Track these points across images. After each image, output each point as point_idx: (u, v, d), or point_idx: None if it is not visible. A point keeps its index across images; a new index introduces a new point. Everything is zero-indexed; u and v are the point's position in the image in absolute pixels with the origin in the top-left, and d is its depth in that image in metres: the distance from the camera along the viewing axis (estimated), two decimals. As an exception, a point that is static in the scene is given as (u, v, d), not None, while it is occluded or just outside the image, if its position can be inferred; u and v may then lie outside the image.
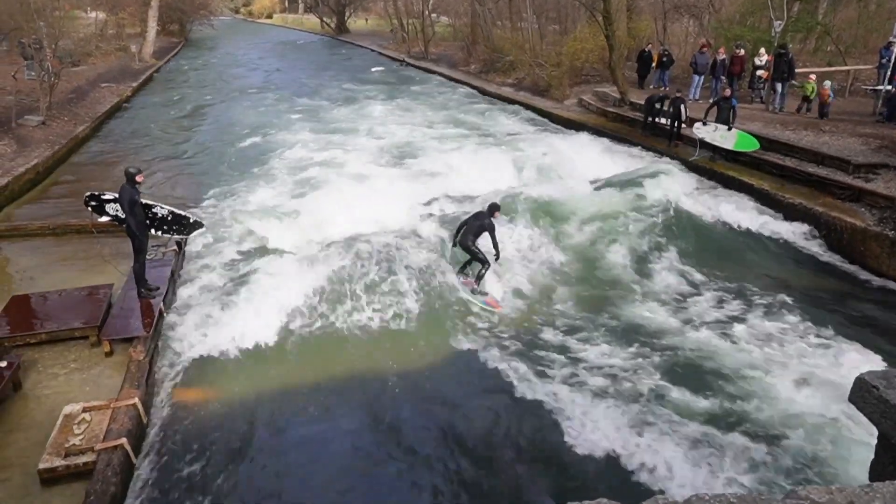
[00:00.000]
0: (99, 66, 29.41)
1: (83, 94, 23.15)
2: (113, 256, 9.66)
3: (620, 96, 20.85)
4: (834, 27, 22.54)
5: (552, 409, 7.29)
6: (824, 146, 14.04)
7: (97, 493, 5.53)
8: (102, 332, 7.88)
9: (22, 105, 17.99)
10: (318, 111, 23.56)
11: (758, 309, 9.53)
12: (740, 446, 6.65)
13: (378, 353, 8.52)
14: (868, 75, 20.23)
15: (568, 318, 9.39)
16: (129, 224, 8.29)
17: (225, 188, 14.40)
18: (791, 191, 12.99)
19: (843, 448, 6.51)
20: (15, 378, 6.96)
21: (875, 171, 12.57)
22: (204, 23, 56.93)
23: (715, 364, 8.09)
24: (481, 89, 28.51)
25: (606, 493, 2.46)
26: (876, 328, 9.14)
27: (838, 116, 16.75)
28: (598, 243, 11.41)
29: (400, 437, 7.02)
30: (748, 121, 16.14)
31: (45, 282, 9.33)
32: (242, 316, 8.67)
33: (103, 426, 6.29)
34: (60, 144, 16.64)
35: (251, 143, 18.66)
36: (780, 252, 11.63)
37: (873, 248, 11.00)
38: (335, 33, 61.87)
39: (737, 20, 23.33)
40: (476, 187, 13.70)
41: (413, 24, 43.07)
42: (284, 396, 7.63)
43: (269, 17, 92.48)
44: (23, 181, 13.87)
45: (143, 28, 38.14)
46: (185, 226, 9.86)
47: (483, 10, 32.50)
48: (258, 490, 6.25)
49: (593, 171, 14.98)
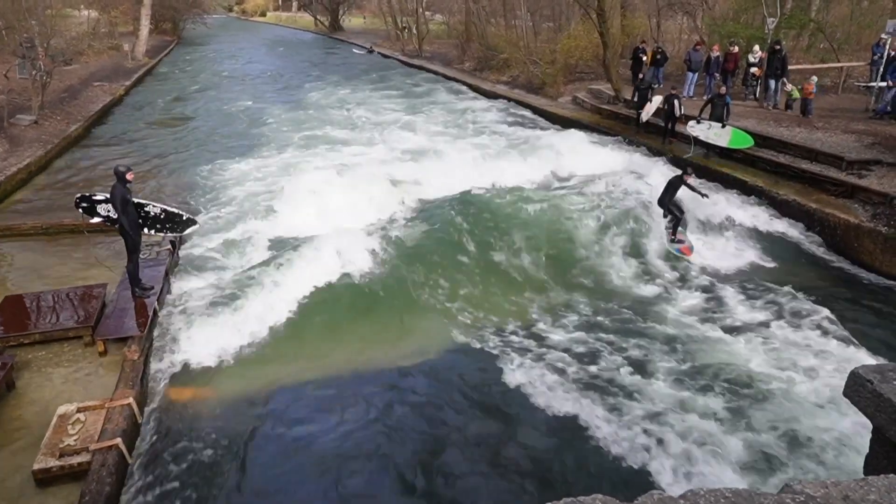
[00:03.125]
0: (91, 65, 29.27)
1: (76, 93, 23.03)
2: (106, 256, 9.63)
3: (615, 93, 20.87)
4: (827, 24, 22.59)
5: (547, 406, 7.30)
6: (818, 143, 14.08)
7: (92, 494, 5.51)
8: (96, 331, 7.85)
9: (14, 104, 17.89)
10: (304, 104, 23.58)
11: (751, 304, 9.57)
12: (734, 441, 6.67)
13: (374, 351, 8.51)
14: (861, 72, 20.31)
15: (561, 313, 9.40)
16: (122, 223, 8.24)
17: (219, 185, 14.36)
18: (785, 187, 13.03)
19: (838, 442, 6.54)
20: (8, 378, 6.93)
21: (868, 168, 12.62)
22: (197, 21, 56.72)
23: (707, 359, 8.11)
24: (475, 86, 28.53)
25: (602, 490, 2.46)
26: (869, 323, 9.19)
27: (831, 113, 16.81)
28: (590, 241, 11.40)
29: (396, 435, 7.00)
30: (742, 118, 16.18)
31: (38, 282, 9.29)
32: (238, 314, 8.63)
33: (98, 426, 6.27)
34: (53, 144, 16.54)
35: (244, 140, 18.66)
36: (773, 248, 11.66)
37: (867, 244, 11.04)
38: (329, 31, 61.74)
39: (730, 17, 23.38)
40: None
41: (407, 21, 43.03)
42: (280, 395, 7.61)
43: (263, 15, 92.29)
44: (15, 181, 13.79)
45: (135, 26, 38.04)
46: (179, 223, 9.82)
47: (477, 7, 32.48)
48: (253, 489, 6.23)
49: (584, 168, 15.00)
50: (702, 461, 6.42)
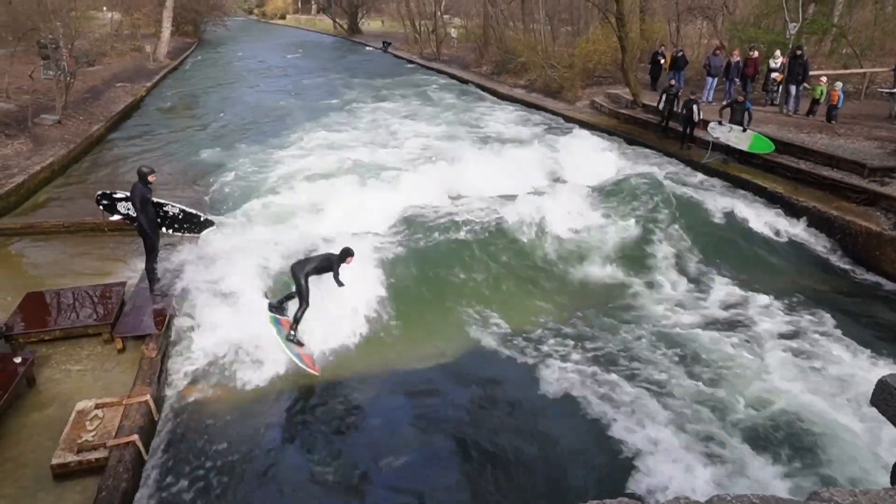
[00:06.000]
0: (114, 66, 29.65)
1: (98, 94, 23.34)
2: (126, 255, 9.72)
3: (633, 98, 20.76)
4: (850, 29, 22.30)
5: (569, 408, 7.27)
6: (839, 149, 13.90)
7: (109, 489, 5.56)
8: (115, 329, 7.94)
9: (38, 104, 18.15)
10: (325, 107, 23.70)
11: (771, 312, 9.45)
12: (760, 448, 6.60)
13: (395, 353, 8.49)
14: (884, 78, 20.02)
15: (578, 318, 9.34)
16: (141, 223, 8.33)
17: (238, 186, 14.44)
18: (805, 194, 12.87)
19: (865, 451, 6.43)
20: (29, 374, 7.02)
21: (890, 175, 12.44)
22: (218, 23, 57.31)
23: (728, 368, 8.02)
24: (492, 90, 28.53)
25: (627, 494, 2.43)
26: (893, 332, 9.02)
27: (853, 119, 16.58)
28: (607, 242, 11.33)
29: (412, 436, 7.00)
30: (762, 123, 16.02)
31: (58, 279, 9.41)
32: (254, 314, 8.65)
33: (115, 422, 6.33)
34: (76, 143, 16.76)
35: (265, 142, 18.73)
36: (793, 255, 11.51)
37: (888, 253, 10.86)
38: (348, 34, 62.09)
39: (751, 22, 23.17)
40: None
41: (425, 25, 43.16)
42: (295, 394, 7.63)
43: (283, 17, 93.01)
44: (38, 179, 13.99)
45: (157, 28, 38.47)
46: (197, 224, 9.90)
47: (495, 11, 32.48)
48: (268, 488, 6.25)
49: (602, 173, 14.90)
50: (727, 469, 6.35)
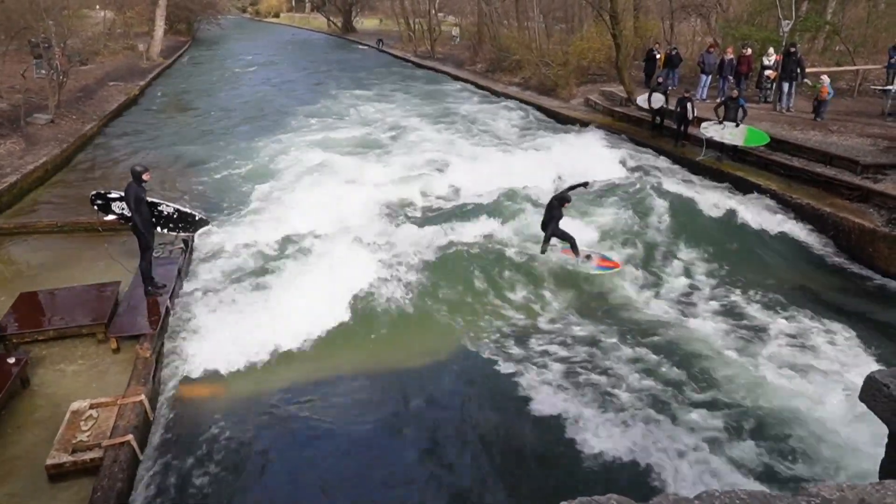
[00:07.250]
0: (107, 65, 29.56)
1: (91, 93, 23.27)
2: (120, 254, 9.70)
3: (627, 96, 20.80)
4: (843, 27, 22.39)
5: (558, 409, 7.27)
6: (832, 146, 13.96)
7: (104, 489, 5.55)
8: (110, 329, 7.92)
9: (31, 104, 18.10)
10: (318, 104, 23.69)
11: (765, 309, 9.48)
12: (749, 444, 6.63)
13: (387, 354, 8.49)
14: (877, 75, 20.13)
15: (572, 318, 9.37)
16: (136, 222, 8.32)
17: (232, 185, 14.44)
18: (799, 191, 12.93)
19: (853, 446, 6.47)
20: (23, 374, 7.00)
21: (884, 172, 12.50)
22: (211, 22, 57.12)
23: (721, 362, 8.04)
24: (486, 88, 28.53)
25: (616, 491, 2.45)
26: (884, 328, 9.08)
27: (846, 116, 16.66)
28: (599, 241, 11.37)
29: (408, 435, 7.00)
30: (756, 121, 16.05)
31: (52, 279, 9.37)
32: (249, 313, 8.67)
33: (110, 423, 6.32)
34: (68, 143, 16.71)
35: (258, 140, 18.70)
36: (787, 252, 11.55)
37: (882, 249, 10.92)
38: (342, 33, 61.99)
39: (744, 19, 23.22)
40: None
41: (420, 23, 43.13)
42: (291, 394, 7.63)
43: (277, 16, 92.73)
44: (32, 179, 13.95)
45: (150, 27, 38.33)
46: (192, 223, 9.90)
47: (490, 9, 32.48)
48: (264, 488, 6.26)
49: (597, 171, 14.91)
50: (716, 464, 6.38)
